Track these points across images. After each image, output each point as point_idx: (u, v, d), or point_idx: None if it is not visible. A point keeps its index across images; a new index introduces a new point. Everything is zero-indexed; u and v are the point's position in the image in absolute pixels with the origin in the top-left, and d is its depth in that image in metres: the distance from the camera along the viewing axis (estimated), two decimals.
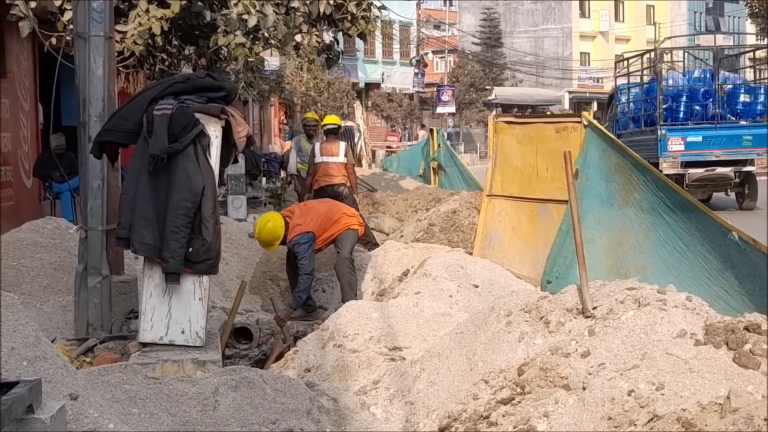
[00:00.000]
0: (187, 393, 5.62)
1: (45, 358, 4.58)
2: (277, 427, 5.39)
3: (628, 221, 8.37)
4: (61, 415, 4.05)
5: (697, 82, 21.46)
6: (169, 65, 13.18)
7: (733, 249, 6.91)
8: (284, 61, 33.16)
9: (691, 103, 20.93)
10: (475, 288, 8.41)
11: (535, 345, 5.61)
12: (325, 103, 41.71)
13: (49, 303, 8.37)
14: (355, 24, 14.26)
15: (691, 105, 20.92)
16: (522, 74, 71.09)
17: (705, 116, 20.70)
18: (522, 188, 9.92)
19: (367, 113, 52.51)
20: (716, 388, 4.69)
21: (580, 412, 4.87)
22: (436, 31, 68.62)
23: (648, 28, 73.63)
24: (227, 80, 8.28)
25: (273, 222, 9.50)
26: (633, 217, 8.28)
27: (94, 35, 7.63)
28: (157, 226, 6.80)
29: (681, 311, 5.30)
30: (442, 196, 15.24)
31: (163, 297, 6.96)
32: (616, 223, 8.49)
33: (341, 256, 9.71)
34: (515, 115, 11.61)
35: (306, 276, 9.39)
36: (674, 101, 20.86)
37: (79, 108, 7.69)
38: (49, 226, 9.64)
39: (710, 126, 20.22)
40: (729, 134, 20.37)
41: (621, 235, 8.43)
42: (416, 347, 6.84)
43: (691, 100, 21.00)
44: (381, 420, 5.91)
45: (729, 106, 21.26)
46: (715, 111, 20.57)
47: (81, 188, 7.87)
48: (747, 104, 21.46)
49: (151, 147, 6.74)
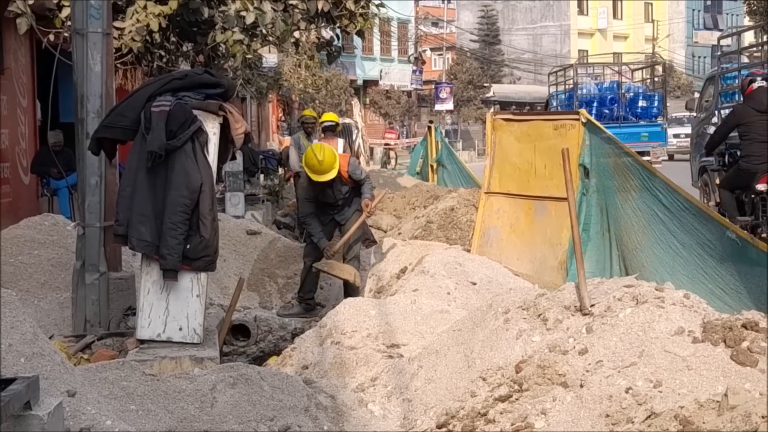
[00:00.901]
0: (185, 390, 5.62)
1: (42, 355, 4.58)
2: (275, 423, 5.39)
3: (625, 219, 8.38)
4: (59, 412, 4.05)
5: (606, 90, 27.67)
6: (167, 62, 13.16)
7: (729, 247, 6.91)
8: (282, 58, 33.14)
9: (601, 107, 26.65)
10: (473, 285, 8.40)
11: (533, 342, 5.61)
12: (323, 100, 41.71)
13: (47, 300, 8.36)
14: (353, 21, 14.24)
15: (601, 108, 26.54)
16: (520, 71, 71.08)
17: (611, 117, 26.27)
18: (520, 186, 9.91)
19: (365, 110, 52.54)
20: (714, 386, 4.69)
21: (577, 409, 4.87)
22: (434, 28, 68.51)
23: (646, 25, 73.72)
24: (225, 77, 8.28)
25: (328, 147, 9.61)
26: (631, 214, 8.28)
27: (91, 32, 7.62)
28: (155, 223, 6.80)
29: (679, 309, 5.30)
30: (440, 193, 15.24)
31: (160, 294, 6.96)
32: (614, 220, 8.50)
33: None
34: (513, 113, 11.60)
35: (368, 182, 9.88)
36: (588, 105, 25.89)
37: (77, 104, 7.69)
38: (47, 223, 9.63)
39: (615, 125, 24.89)
40: (630, 131, 25.35)
41: (619, 233, 8.44)
42: (414, 344, 6.84)
43: (601, 105, 26.93)
44: (378, 417, 5.91)
45: (630, 110, 27.12)
46: (619, 113, 26.62)
47: (79, 185, 7.86)
48: (645, 108, 27.24)
49: (148, 144, 6.74)
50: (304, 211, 9.99)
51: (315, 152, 9.37)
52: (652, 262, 7.94)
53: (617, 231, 8.51)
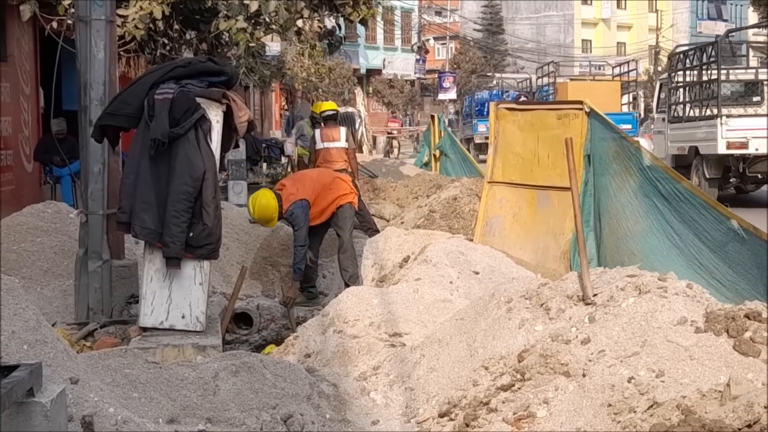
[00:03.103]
0: (188, 377, 5.62)
1: (45, 342, 4.58)
2: (277, 411, 5.40)
3: (623, 208, 8.38)
4: (62, 399, 4.05)
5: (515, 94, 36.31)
6: (170, 50, 13.15)
7: (730, 237, 6.91)
8: (285, 47, 33.06)
9: None
10: (475, 274, 8.40)
11: (536, 332, 5.61)
12: (326, 89, 41.63)
13: (50, 287, 8.37)
14: (357, 9, 14.22)
15: None
16: (523, 61, 70.94)
17: None
18: (523, 175, 9.90)
19: (368, 99, 52.45)
20: (716, 376, 4.69)
21: (579, 398, 4.87)
22: (437, 17, 68.44)
23: (650, 15, 73.50)
24: (228, 65, 8.25)
25: (262, 196, 9.44)
26: (627, 204, 8.29)
27: (95, 19, 7.61)
28: (158, 211, 6.79)
29: (681, 299, 5.30)
30: (443, 182, 15.24)
31: (163, 282, 6.96)
32: (615, 210, 8.50)
33: (344, 248, 9.71)
34: (517, 102, 11.58)
35: (299, 247, 9.38)
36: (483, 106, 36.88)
37: (80, 92, 7.68)
38: (50, 210, 9.63)
39: None
40: None
41: (616, 222, 8.45)
42: (416, 333, 6.84)
43: None
44: (381, 406, 5.91)
45: None
46: None
47: (82, 172, 7.86)
48: None
49: (152, 131, 6.73)
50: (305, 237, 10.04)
51: (249, 204, 9.65)
52: (649, 251, 7.95)
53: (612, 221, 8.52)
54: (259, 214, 9.41)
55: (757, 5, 33.79)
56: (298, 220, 9.38)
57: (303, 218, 9.40)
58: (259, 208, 9.36)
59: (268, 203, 9.37)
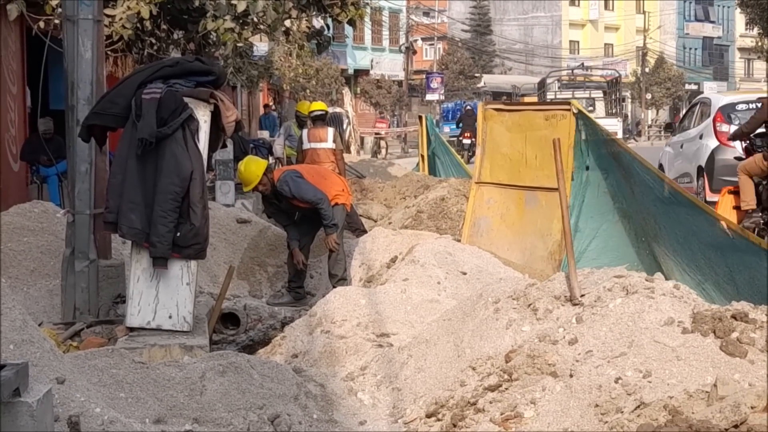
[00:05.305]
0: (174, 378, 5.61)
1: (32, 342, 4.57)
2: (264, 412, 5.39)
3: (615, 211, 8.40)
4: (48, 399, 4.04)
5: None
6: (157, 49, 13.13)
7: (720, 240, 6.93)
8: (273, 47, 33.03)
9: None
10: (463, 275, 8.41)
11: (523, 332, 5.62)
12: (313, 89, 41.59)
13: (36, 287, 8.33)
14: (345, 10, 14.21)
15: None
16: (511, 62, 71.06)
17: None
18: (511, 176, 9.92)
19: (356, 100, 52.41)
20: (703, 376, 4.71)
21: (567, 399, 4.88)
22: (425, 18, 68.42)
23: (638, 16, 73.69)
24: (216, 65, 8.24)
25: (255, 162, 9.51)
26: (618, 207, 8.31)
27: (82, 18, 7.58)
28: (145, 211, 6.78)
29: (669, 299, 5.32)
30: (431, 183, 15.24)
31: (150, 282, 6.95)
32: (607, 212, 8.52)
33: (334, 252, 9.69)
34: (504, 103, 11.60)
35: (324, 208, 9.40)
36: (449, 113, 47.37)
37: (68, 91, 7.65)
38: (37, 210, 9.59)
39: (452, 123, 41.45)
40: None
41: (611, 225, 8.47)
42: (404, 334, 6.84)
43: None
44: (368, 406, 5.91)
45: None
46: None
47: (69, 172, 7.84)
48: None
49: (139, 131, 6.72)
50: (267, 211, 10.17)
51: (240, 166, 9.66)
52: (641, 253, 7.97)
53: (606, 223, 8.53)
54: (245, 174, 9.41)
55: (744, 7, 33.84)
56: (299, 187, 9.38)
57: (302, 183, 9.40)
58: (246, 167, 9.41)
59: (257, 167, 9.37)
